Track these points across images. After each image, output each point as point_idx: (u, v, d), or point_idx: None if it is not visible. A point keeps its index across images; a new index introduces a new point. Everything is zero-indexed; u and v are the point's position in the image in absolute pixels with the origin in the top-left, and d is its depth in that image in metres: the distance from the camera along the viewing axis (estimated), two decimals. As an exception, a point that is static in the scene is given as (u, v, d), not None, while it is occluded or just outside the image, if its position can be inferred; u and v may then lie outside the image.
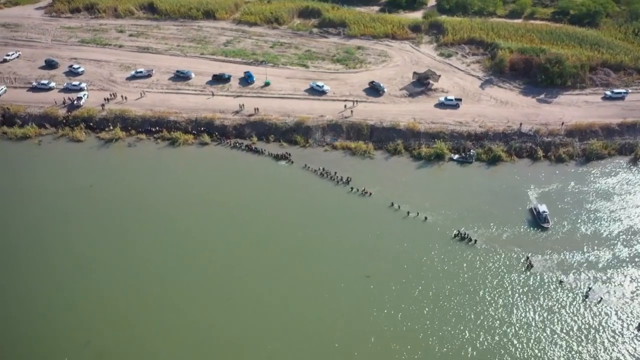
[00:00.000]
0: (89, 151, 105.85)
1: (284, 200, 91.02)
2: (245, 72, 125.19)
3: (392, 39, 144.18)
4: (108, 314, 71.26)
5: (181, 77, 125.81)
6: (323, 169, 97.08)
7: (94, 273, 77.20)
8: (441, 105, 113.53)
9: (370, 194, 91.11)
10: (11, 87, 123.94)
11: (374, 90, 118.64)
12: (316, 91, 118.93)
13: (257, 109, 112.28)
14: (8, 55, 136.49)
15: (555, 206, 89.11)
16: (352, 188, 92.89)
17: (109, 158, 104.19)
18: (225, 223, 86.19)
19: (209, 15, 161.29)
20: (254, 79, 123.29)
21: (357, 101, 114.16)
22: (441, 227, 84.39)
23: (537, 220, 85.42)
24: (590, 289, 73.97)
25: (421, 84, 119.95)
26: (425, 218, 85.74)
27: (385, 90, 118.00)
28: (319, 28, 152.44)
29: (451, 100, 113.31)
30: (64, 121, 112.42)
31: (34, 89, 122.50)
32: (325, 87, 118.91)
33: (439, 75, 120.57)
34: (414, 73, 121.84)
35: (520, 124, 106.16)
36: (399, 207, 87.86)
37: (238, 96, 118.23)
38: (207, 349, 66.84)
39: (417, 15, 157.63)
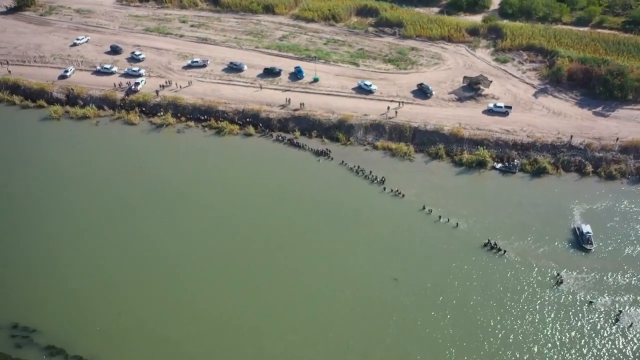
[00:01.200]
0: (141, 134, 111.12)
1: (317, 195, 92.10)
2: (295, 67, 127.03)
3: (448, 42, 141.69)
4: (140, 290, 75.08)
5: (234, 68, 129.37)
6: (358, 167, 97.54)
7: (131, 250, 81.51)
8: (489, 111, 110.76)
9: (403, 195, 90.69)
10: (78, 69, 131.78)
11: (422, 92, 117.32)
12: (363, 90, 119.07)
13: (303, 104, 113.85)
14: (78, 40, 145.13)
15: (601, 225, 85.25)
16: (384, 188, 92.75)
17: (158, 142, 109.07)
18: (257, 212, 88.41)
19: (269, 9, 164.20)
20: (304, 75, 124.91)
21: (402, 102, 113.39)
22: (472, 235, 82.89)
23: (580, 241, 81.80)
24: (620, 312, 70.57)
25: (471, 88, 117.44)
26: (457, 224, 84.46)
27: (433, 93, 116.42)
28: (375, 27, 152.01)
29: (500, 107, 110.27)
30: (121, 104, 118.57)
31: (98, 73, 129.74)
32: (373, 87, 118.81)
33: (491, 81, 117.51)
34: (465, 77, 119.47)
35: (571, 137, 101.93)
36: (431, 211, 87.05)
37: (286, 90, 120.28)
38: (229, 334, 69.28)
39: (477, 19, 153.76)
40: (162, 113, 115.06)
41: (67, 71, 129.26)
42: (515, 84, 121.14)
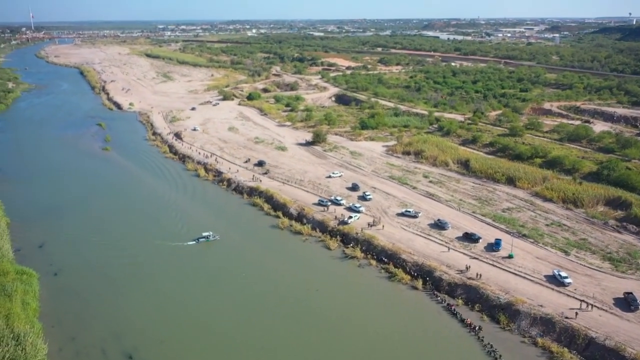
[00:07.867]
0: (330, 259, 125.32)
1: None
2: (495, 239, 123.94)
3: None
4: None
5: (439, 225, 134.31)
6: (491, 346, 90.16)
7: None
8: None
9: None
10: (321, 196, 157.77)
11: (626, 303, 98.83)
12: (556, 280, 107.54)
13: (480, 275, 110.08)
14: (334, 174, 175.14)
15: None
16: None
17: (339, 271, 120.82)
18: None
19: (511, 181, 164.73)
20: (501, 248, 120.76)
21: (594, 306, 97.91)
22: None
23: None
24: None
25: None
26: None
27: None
28: (619, 222, 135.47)
29: None
30: (330, 231, 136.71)
31: (331, 202, 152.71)
32: (568, 280, 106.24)
33: None
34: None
35: None
36: None
37: (474, 258, 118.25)
38: None
39: None
40: (353, 245, 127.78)
41: (324, 202, 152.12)
42: None
